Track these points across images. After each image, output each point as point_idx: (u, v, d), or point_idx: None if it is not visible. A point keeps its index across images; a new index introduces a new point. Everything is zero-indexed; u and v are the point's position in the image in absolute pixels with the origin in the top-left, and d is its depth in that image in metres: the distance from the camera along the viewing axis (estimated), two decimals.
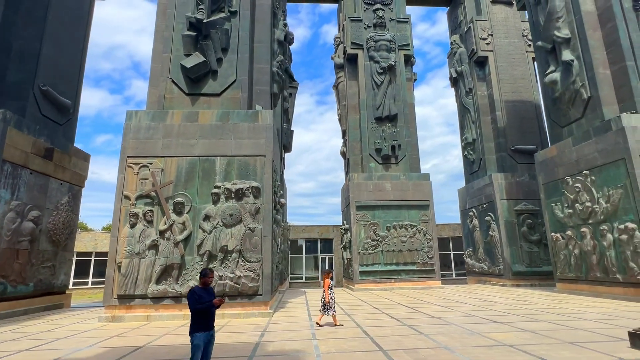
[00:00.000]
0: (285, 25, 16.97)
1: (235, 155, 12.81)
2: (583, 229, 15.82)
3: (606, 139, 14.86)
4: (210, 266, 11.77)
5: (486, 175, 24.38)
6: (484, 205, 24.58)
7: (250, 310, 11.68)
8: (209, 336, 5.01)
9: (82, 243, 28.69)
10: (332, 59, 27.98)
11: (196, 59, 13.51)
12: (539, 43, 18.49)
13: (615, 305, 12.67)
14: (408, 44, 25.61)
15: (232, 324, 10.42)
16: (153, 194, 12.24)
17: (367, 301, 15.48)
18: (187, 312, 11.41)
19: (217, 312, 11.52)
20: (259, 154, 12.89)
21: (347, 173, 26.01)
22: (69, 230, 16.09)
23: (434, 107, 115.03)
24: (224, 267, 11.81)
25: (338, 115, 27.43)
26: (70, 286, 29.16)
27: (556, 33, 17.34)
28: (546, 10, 17.86)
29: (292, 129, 27.15)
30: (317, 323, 9.90)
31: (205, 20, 13.70)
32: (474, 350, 6.74)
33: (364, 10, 25.97)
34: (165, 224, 11.95)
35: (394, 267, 21.63)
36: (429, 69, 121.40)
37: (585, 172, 15.80)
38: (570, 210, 16.55)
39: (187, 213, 12.18)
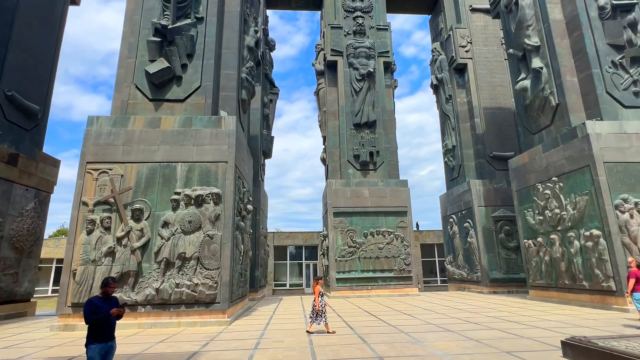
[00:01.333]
0: (257, 31, 16.98)
1: (196, 162, 12.72)
2: (552, 236, 15.81)
3: (572, 146, 14.91)
4: (168, 274, 11.63)
5: (465, 182, 24.40)
6: (463, 212, 24.56)
7: (208, 319, 11.49)
8: (106, 347, 4.86)
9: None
10: (313, 65, 28.08)
11: (160, 64, 13.46)
12: (510, 51, 18.64)
13: (579, 312, 12.61)
14: (388, 51, 25.74)
15: (184, 333, 10.24)
16: (111, 200, 12.09)
17: (335, 308, 15.32)
18: (142, 321, 11.27)
19: (174, 320, 11.46)
20: (221, 160, 12.80)
21: (327, 179, 25.93)
22: (34, 237, 15.87)
23: (431, 113, 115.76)
24: (182, 274, 11.64)
25: (319, 121, 27.45)
26: (49, 293, 28.83)
27: (526, 41, 17.49)
28: (517, 18, 18.01)
29: (272, 135, 27.09)
30: (308, 331, 9.72)
31: (170, 26, 13.67)
32: None
33: (344, 18, 26.12)
34: (123, 230, 11.80)
35: (370, 274, 21.48)
36: (426, 75, 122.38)
37: (554, 178, 15.83)
38: (541, 217, 16.55)
39: (145, 220, 12.03)
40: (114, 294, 11.22)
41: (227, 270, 11.90)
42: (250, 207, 15.00)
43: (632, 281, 9.49)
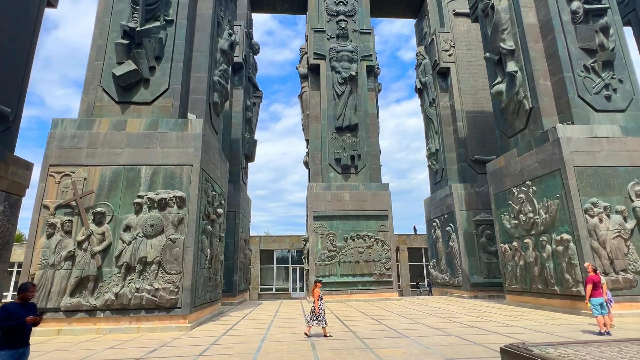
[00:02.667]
0: (231, 34, 16.90)
1: (161, 165, 12.60)
2: (526, 240, 15.71)
3: (544, 150, 14.86)
4: (129, 278, 11.47)
5: (447, 186, 24.32)
6: (445, 216, 24.47)
7: (168, 324, 11.32)
8: (17, 354, 4.72)
9: None
10: (297, 69, 28.05)
11: (127, 67, 13.38)
12: (487, 54, 18.65)
13: (548, 317, 12.48)
14: (370, 55, 25.76)
15: (140, 339, 10.06)
16: (73, 203, 11.95)
17: (300, 313, 15.13)
18: (101, 326, 11.10)
19: (134, 325, 11.27)
20: (186, 163, 12.69)
21: (309, 183, 25.81)
22: (3, 241, 15.60)
23: None
24: (143, 279, 11.48)
25: (302, 125, 27.38)
26: (9, 298, 28.48)
27: (502, 45, 17.49)
28: (492, 22, 18.03)
29: (255, 138, 26.99)
30: (306, 334, 9.60)
31: (138, 29, 13.61)
32: None
33: (328, 22, 26.15)
34: (84, 234, 11.64)
35: (350, 279, 21.33)
36: None
37: (528, 182, 15.77)
38: (516, 221, 16.46)
39: (108, 223, 11.89)
40: (73, 297, 11.10)
41: (190, 274, 11.74)
42: (220, 210, 14.85)
43: (589, 287, 9.38)
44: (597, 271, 10.38)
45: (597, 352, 5.80)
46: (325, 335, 9.43)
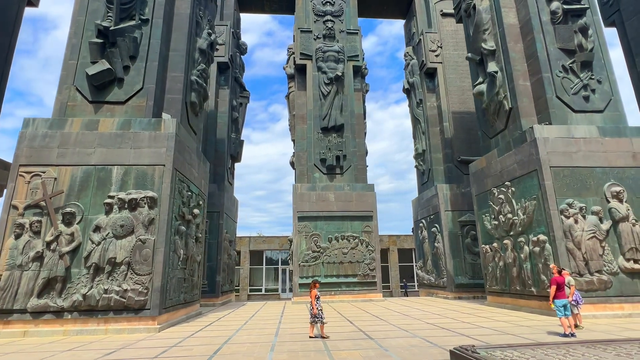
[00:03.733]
0: (210, 34, 16.80)
1: (133, 165, 12.50)
2: (505, 241, 15.66)
3: (523, 150, 14.80)
4: (97, 279, 11.37)
5: (433, 186, 24.26)
6: (431, 217, 24.41)
7: (137, 326, 11.21)
8: None
9: None
10: (284, 69, 28.00)
11: (100, 66, 13.28)
12: (468, 55, 18.61)
13: (523, 319, 12.39)
14: (357, 55, 25.69)
15: (104, 340, 9.96)
16: (43, 203, 11.83)
17: (282, 315, 15.06)
18: (68, 328, 11.00)
19: (101, 327, 11.17)
20: (159, 163, 12.59)
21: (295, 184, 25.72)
22: None
23: None
24: (111, 280, 11.37)
25: (289, 125, 27.31)
26: None
27: (483, 45, 17.45)
28: (474, 22, 17.99)
29: (242, 139, 26.90)
30: (310, 336, 9.50)
31: (112, 28, 13.52)
32: None
33: (314, 22, 26.08)
34: (52, 235, 11.53)
35: (334, 280, 21.23)
36: None
37: (507, 183, 15.71)
38: (496, 222, 16.40)
39: (77, 224, 11.78)
40: (40, 298, 10.99)
41: (160, 275, 11.64)
42: (197, 211, 14.75)
43: (553, 288, 9.31)
44: (564, 272, 10.30)
45: (542, 355, 5.74)
46: (323, 336, 9.34)
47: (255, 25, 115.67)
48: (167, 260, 12.13)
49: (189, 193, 14.42)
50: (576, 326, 10.16)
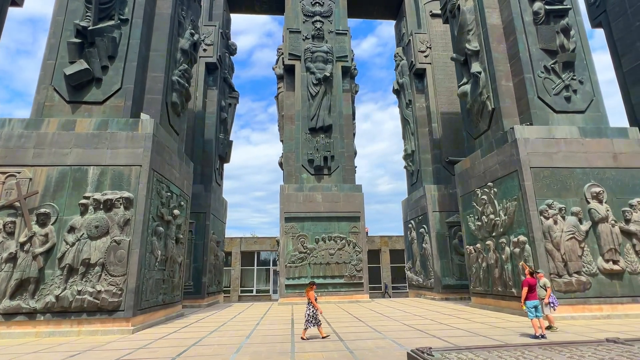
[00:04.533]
0: (193, 34, 16.74)
1: (109, 165, 12.43)
2: (488, 242, 15.61)
3: (504, 151, 14.77)
4: (71, 280, 11.29)
5: (422, 187, 24.21)
6: (420, 217, 24.37)
7: (110, 327, 11.13)
8: None
9: None
10: (273, 69, 27.95)
11: (78, 66, 13.22)
12: (453, 55, 18.59)
13: (501, 320, 12.34)
14: (346, 56, 25.66)
15: (74, 342, 9.88)
16: (17, 204, 11.75)
17: (261, 316, 14.99)
18: (41, 330, 10.92)
19: (74, 328, 11.08)
20: (135, 164, 12.52)
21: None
22: None
23: None
24: (85, 281, 11.29)
25: (278, 126, 27.26)
26: None
27: (467, 45, 17.43)
28: (458, 22, 17.97)
29: (231, 139, 26.84)
30: (322, 337, 9.47)
31: (90, 28, 13.47)
32: None
33: (304, 22, 26.05)
34: (26, 236, 11.44)
35: (321, 281, 21.10)
36: None
37: (489, 184, 15.67)
38: (479, 223, 16.35)
39: (52, 224, 11.69)
40: (13, 300, 10.90)
41: (135, 276, 11.56)
42: (177, 212, 14.67)
43: (524, 289, 9.26)
44: (539, 273, 10.27)
45: (496, 357, 5.70)
46: (302, 338, 9.30)
47: (255, 26, 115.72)
48: (142, 261, 12.05)
49: (169, 194, 14.34)
50: (550, 327, 10.11)
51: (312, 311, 9.47)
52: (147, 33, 14.78)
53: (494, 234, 15.30)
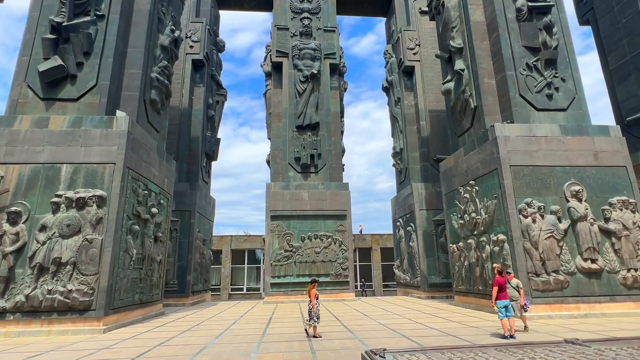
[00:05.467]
0: (173, 30, 16.53)
1: (83, 163, 12.27)
2: (469, 241, 15.54)
3: (485, 149, 14.66)
4: (41, 279, 11.15)
5: (409, 185, 24.11)
6: (407, 216, 24.28)
7: (81, 327, 11.01)
8: None
9: None
10: (261, 66, 27.76)
11: (52, 62, 13.04)
12: (437, 53, 18.44)
13: (479, 319, 12.26)
14: (334, 53, 25.47)
15: (45, 342, 9.76)
16: None
17: (239, 315, 14.90)
18: (10, 329, 10.81)
19: (45, 328, 10.95)
20: (109, 162, 12.37)
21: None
22: None
23: None
24: (56, 280, 11.15)
25: (266, 123, 27.09)
26: None
27: (451, 42, 17.28)
28: (442, 19, 17.82)
29: (218, 137, 26.66)
30: (314, 336, 9.47)
31: (65, 24, 13.27)
32: None
33: (292, 19, 25.84)
34: None
35: (306, 279, 20.94)
36: None
37: (471, 182, 15.57)
38: (462, 221, 16.27)
39: (23, 223, 11.53)
40: None
41: (107, 275, 11.43)
42: (155, 210, 14.52)
43: (495, 289, 9.16)
44: (509, 274, 10.19)
45: (443, 356, 5.59)
46: (315, 336, 9.34)
47: (254, 24, 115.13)
48: (116, 260, 11.92)
49: (146, 192, 14.19)
50: (524, 328, 10.02)
51: (316, 307, 9.57)
52: (124, 29, 14.59)
53: (475, 232, 15.21)
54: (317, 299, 9.75)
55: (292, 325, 11.90)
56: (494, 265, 10.40)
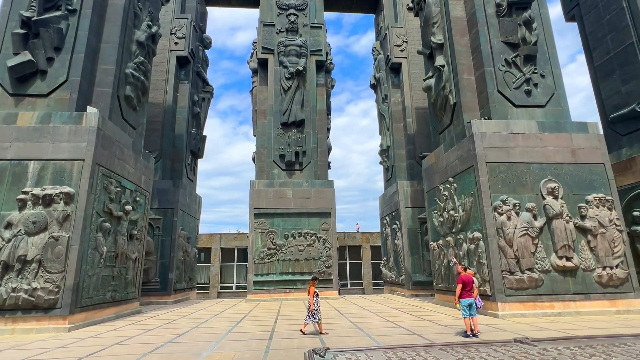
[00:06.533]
0: (150, 26, 16.34)
1: (51, 159, 12.10)
2: (448, 238, 15.42)
3: (463, 146, 14.51)
4: (6, 278, 10.99)
5: (395, 183, 23.96)
6: (393, 213, 24.14)
7: (46, 325, 10.88)
8: None
9: None
10: (247, 63, 27.56)
11: (21, 57, 12.85)
12: (419, 49, 18.26)
13: (452, 317, 12.11)
14: (321, 50, 25.26)
15: (6, 340, 9.60)
16: None
17: (218, 312, 14.77)
18: None
19: (8, 326, 10.79)
20: (78, 158, 12.20)
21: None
22: None
23: None
24: (21, 278, 11.00)
25: (252, 121, 26.91)
26: None
27: (432, 38, 17.10)
28: (424, 15, 17.64)
29: (204, 134, 26.48)
30: (301, 330, 9.62)
31: (34, 18, 13.08)
32: None
33: (278, 15, 25.62)
34: None
35: (289, 277, 20.92)
36: None
37: (450, 179, 15.43)
38: (442, 219, 16.14)
39: None
40: None
41: (73, 273, 11.28)
42: (129, 207, 14.37)
43: (459, 286, 9.03)
44: (469, 271, 10.04)
45: (385, 358, 5.46)
46: (321, 332, 9.44)
47: (254, 23, 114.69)
48: (83, 257, 11.77)
49: (119, 189, 14.02)
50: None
51: (316, 305, 9.52)
52: (97, 24, 14.40)
53: (453, 230, 15.08)
54: (317, 296, 9.74)
55: (262, 324, 11.77)
56: (452, 259, 10.24)
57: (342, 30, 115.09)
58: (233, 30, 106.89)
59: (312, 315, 9.48)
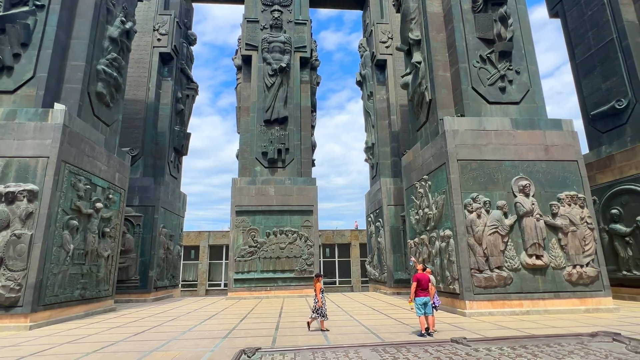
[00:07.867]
0: (124, 22, 16.17)
1: (15, 157, 11.99)
2: (422, 236, 15.32)
3: (436, 144, 14.39)
4: None
5: (379, 180, 23.85)
6: (377, 211, 24.07)
7: (7, 324, 10.80)
8: None
9: None
10: (232, 60, 27.38)
11: None
12: (397, 45, 18.10)
13: (405, 316, 12.01)
14: (305, 46, 25.08)
15: None
16: None
17: (193, 310, 14.72)
18: None
19: None
20: (42, 155, 12.09)
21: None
22: None
23: None
24: None
25: (236, 117, 26.77)
26: None
27: (410, 35, 16.94)
28: (402, 11, 17.46)
29: (188, 131, 26.35)
30: (308, 322, 9.86)
31: (1, 14, 12.95)
32: None
33: (262, 12, 25.43)
34: None
35: (270, 275, 20.86)
36: None
37: (425, 177, 15.32)
38: (417, 217, 16.04)
39: None
40: None
41: (36, 271, 11.20)
42: (99, 205, 14.26)
43: (414, 285, 8.95)
44: (427, 269, 9.94)
45: (311, 356, 5.38)
46: (322, 329, 9.49)
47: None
48: (47, 255, 11.68)
49: (89, 186, 13.91)
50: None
51: (321, 302, 9.54)
52: (67, 20, 14.25)
53: (427, 227, 14.98)
54: (322, 292, 9.74)
55: (228, 322, 11.70)
56: (411, 257, 10.15)
57: (344, 27, 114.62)
58: (234, 28, 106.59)
59: (318, 311, 9.52)
